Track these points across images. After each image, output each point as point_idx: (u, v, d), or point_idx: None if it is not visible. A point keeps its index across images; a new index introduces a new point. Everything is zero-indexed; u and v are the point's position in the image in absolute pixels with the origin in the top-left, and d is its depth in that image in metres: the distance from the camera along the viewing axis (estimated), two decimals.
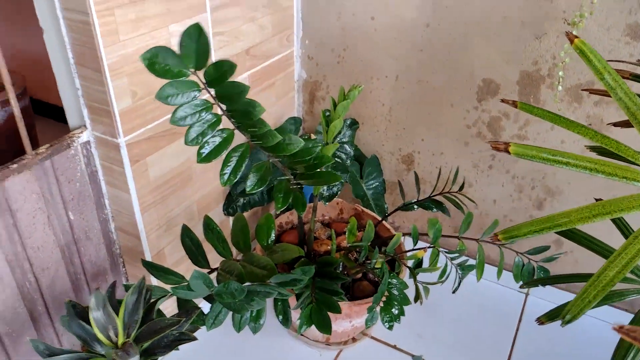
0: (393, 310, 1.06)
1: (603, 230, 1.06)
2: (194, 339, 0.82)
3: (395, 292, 1.07)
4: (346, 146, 1.55)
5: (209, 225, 1.16)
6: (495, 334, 1.46)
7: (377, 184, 1.61)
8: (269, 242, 1.20)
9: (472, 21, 1.30)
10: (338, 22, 1.48)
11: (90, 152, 1.11)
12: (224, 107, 0.89)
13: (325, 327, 1.09)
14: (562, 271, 1.51)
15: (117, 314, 0.80)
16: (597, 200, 1.03)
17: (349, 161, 1.56)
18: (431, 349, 1.41)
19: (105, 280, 1.27)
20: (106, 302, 0.77)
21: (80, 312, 0.84)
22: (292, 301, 1.15)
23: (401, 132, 1.56)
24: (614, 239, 0.94)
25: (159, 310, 0.86)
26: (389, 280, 1.08)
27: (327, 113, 1.58)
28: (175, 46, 0.79)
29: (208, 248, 1.10)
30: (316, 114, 1.68)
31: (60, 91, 1.08)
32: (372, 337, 1.45)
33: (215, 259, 1.10)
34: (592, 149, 0.91)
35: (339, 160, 1.50)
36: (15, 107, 1.00)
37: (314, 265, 1.12)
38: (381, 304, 1.07)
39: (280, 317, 1.11)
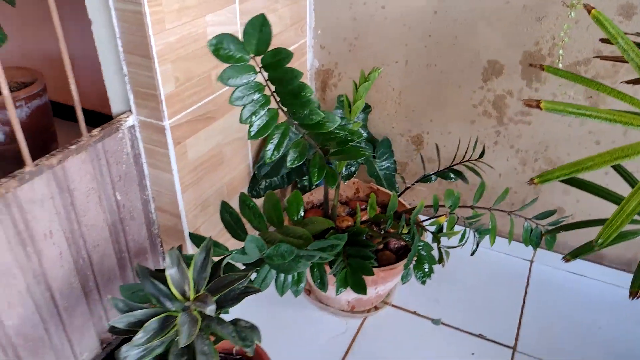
0: (424, 267, 1.16)
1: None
2: (259, 290, 0.91)
3: (423, 253, 1.18)
4: (360, 128, 1.65)
5: (245, 201, 1.24)
6: (505, 298, 1.58)
7: (389, 164, 1.72)
8: (299, 217, 1.29)
9: (477, 7, 1.41)
10: (349, 12, 1.58)
11: (134, 136, 1.18)
12: (272, 88, 0.98)
13: (360, 288, 1.18)
14: (568, 238, 1.63)
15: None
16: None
17: (362, 143, 1.65)
18: (448, 313, 1.52)
19: (146, 258, 1.35)
20: (180, 260, 0.85)
21: (146, 273, 0.92)
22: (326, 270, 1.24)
23: (410, 114, 1.66)
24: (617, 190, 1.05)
25: (226, 265, 0.95)
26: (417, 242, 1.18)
27: (342, 98, 1.68)
28: (210, 35, 0.88)
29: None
30: (328, 100, 1.77)
31: (105, 79, 1.15)
32: (393, 305, 1.55)
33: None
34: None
35: (356, 146, 1.59)
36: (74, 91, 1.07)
37: (345, 233, 1.22)
38: (413, 264, 1.17)
39: (318, 281, 1.20)
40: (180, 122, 1.19)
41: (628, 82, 0.88)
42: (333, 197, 1.47)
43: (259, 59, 0.92)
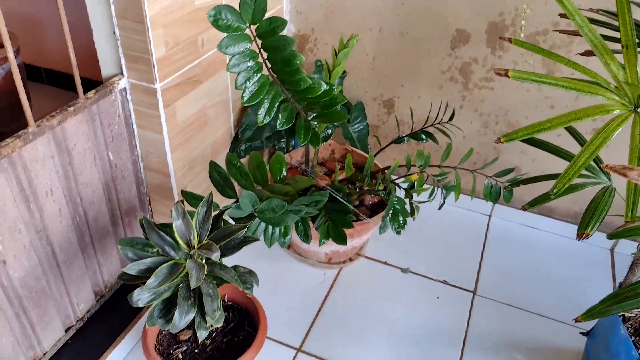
0: (399, 219, 1.29)
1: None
2: (256, 239, 1.01)
3: (398, 207, 1.30)
4: (345, 99, 1.73)
5: (231, 161, 1.32)
6: (466, 248, 1.74)
7: (362, 127, 1.82)
8: (282, 177, 1.38)
9: None
10: None
11: (125, 98, 1.23)
12: (264, 55, 1.05)
13: (341, 239, 1.30)
14: (522, 194, 1.79)
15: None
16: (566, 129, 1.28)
17: (338, 107, 1.74)
18: (416, 263, 1.67)
19: (135, 216, 1.42)
20: (185, 212, 0.94)
21: (150, 226, 1.00)
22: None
23: (383, 79, 1.76)
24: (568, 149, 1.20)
25: (225, 220, 1.04)
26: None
27: (319, 63, 1.76)
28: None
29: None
30: (305, 66, 1.84)
31: (97, 43, 1.19)
32: (366, 257, 1.69)
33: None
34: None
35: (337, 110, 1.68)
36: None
37: (327, 190, 1.32)
38: (389, 217, 1.29)
39: (302, 234, 1.31)
40: (170, 85, 1.24)
41: (582, 54, 1.00)
42: (312, 158, 1.57)
43: (254, 27, 0.98)
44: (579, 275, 1.66)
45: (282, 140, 1.77)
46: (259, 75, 1.05)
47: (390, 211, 1.29)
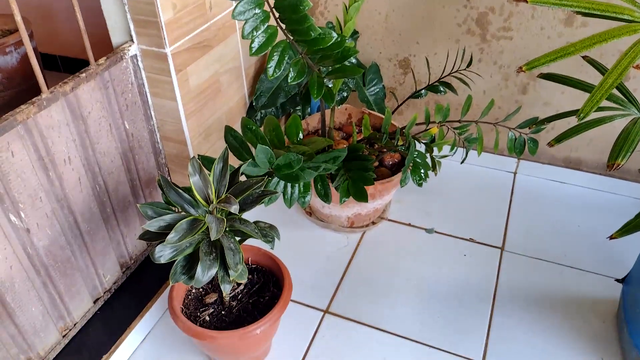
0: (421, 172, 1.26)
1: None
2: (275, 192, 1.00)
3: (419, 160, 1.27)
4: (358, 51, 1.70)
5: (247, 125, 1.31)
6: (492, 206, 1.70)
7: (378, 89, 1.78)
8: (299, 140, 1.36)
9: None
10: None
11: (137, 66, 1.22)
12: (272, 3, 1.03)
13: (361, 196, 1.28)
14: (553, 151, 1.74)
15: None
16: (583, 57, 1.23)
17: (353, 61, 1.71)
18: (440, 223, 1.64)
19: (155, 188, 1.42)
20: (202, 167, 0.93)
21: (169, 184, 0.99)
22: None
23: (397, 38, 1.72)
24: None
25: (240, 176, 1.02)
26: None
27: (331, 25, 1.72)
28: None
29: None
30: None
31: (105, 11, 1.18)
32: (389, 220, 1.66)
33: None
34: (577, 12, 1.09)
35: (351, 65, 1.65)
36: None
37: (345, 147, 1.30)
38: (410, 169, 1.26)
39: (322, 194, 1.29)
40: (180, 49, 1.23)
41: None
42: (328, 121, 1.54)
43: None
44: (610, 226, 1.60)
45: (297, 107, 1.75)
46: (266, 24, 1.03)
47: (411, 164, 1.26)
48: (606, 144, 1.69)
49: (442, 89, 1.44)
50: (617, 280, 1.30)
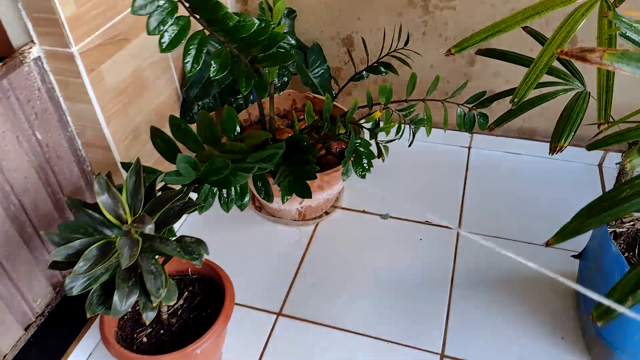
0: (363, 162, 1.18)
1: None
2: (198, 204, 0.91)
3: (362, 149, 1.19)
4: (288, 37, 1.60)
5: (175, 123, 1.20)
6: (447, 184, 1.65)
7: (323, 70, 1.68)
8: (236, 134, 1.27)
9: None
10: None
11: (43, 69, 1.10)
12: None
13: (305, 192, 1.20)
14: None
15: None
16: (523, 28, 1.16)
17: (292, 52, 1.61)
18: (395, 207, 1.58)
19: (84, 198, 1.30)
20: (110, 185, 0.83)
21: (79, 206, 0.89)
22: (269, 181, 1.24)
23: (337, 14, 1.61)
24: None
25: (164, 189, 0.93)
26: (354, 140, 1.19)
27: (262, 5, 1.61)
28: None
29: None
30: (252, 11, 1.69)
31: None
32: (343, 208, 1.59)
33: None
34: None
35: (283, 51, 1.54)
36: None
37: (283, 142, 1.21)
38: (352, 161, 1.18)
39: (262, 193, 1.21)
40: (90, 46, 1.10)
41: None
42: (269, 110, 1.45)
43: None
44: (567, 196, 1.58)
45: (238, 96, 1.64)
46: (174, 16, 0.92)
47: (353, 155, 1.18)
48: (559, 112, 1.65)
49: (382, 69, 1.35)
50: (574, 256, 1.27)
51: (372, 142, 1.28)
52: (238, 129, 1.26)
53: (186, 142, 1.21)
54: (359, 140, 1.22)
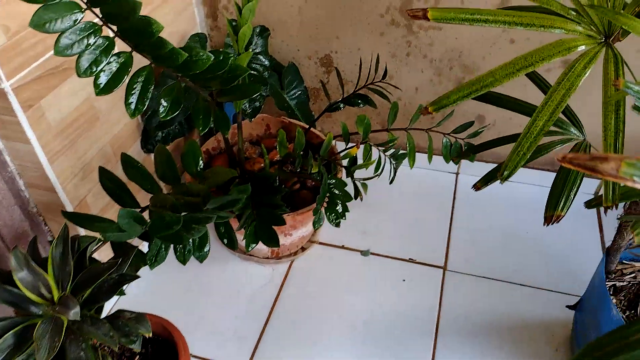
0: (337, 208, 1.06)
1: (518, 94, 1.08)
2: (136, 277, 0.78)
3: (336, 191, 1.07)
4: (260, 57, 1.47)
5: (128, 162, 1.07)
6: (433, 216, 1.53)
7: (300, 92, 1.56)
8: (199, 169, 1.14)
9: None
10: None
11: None
12: (115, 28, 0.79)
13: (272, 240, 1.08)
14: (498, 149, 1.57)
15: (47, 271, 0.74)
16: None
17: (266, 73, 1.48)
18: (377, 242, 1.46)
19: (28, 242, 1.17)
20: (28, 259, 0.70)
21: (5, 277, 0.76)
22: (234, 224, 1.12)
23: (315, 32, 1.49)
24: (531, 100, 0.96)
25: (91, 258, 0.80)
26: (328, 181, 1.07)
27: (234, 22, 1.48)
28: None
29: (134, 188, 1.03)
30: (222, 27, 1.56)
31: None
32: (320, 243, 1.47)
33: (143, 199, 1.03)
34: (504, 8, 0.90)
35: (255, 72, 1.42)
36: None
37: (249, 183, 1.09)
38: (325, 205, 1.06)
39: (225, 240, 1.08)
40: (26, 80, 0.97)
41: None
42: (238, 140, 1.32)
43: None
44: (561, 230, 1.46)
45: None
46: (111, 53, 0.79)
47: (325, 199, 1.06)
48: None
49: (359, 102, 1.23)
50: (569, 307, 1.16)
51: (349, 180, 1.16)
52: (201, 163, 1.14)
53: (140, 182, 1.08)
54: (333, 181, 1.09)
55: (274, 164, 1.34)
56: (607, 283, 0.99)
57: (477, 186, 0.87)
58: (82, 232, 1.19)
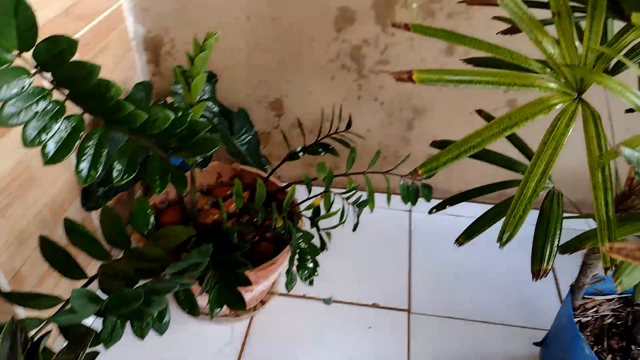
0: (308, 264, 1.01)
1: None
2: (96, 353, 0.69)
3: (303, 245, 1.02)
4: (209, 103, 1.42)
5: (72, 227, 0.97)
6: (392, 257, 1.52)
7: (250, 137, 1.51)
8: (150, 229, 1.06)
9: None
10: None
11: None
12: (66, 91, 0.71)
13: (238, 303, 1.01)
14: (442, 184, 1.60)
15: None
16: (478, 112, 1.07)
17: (215, 119, 1.43)
18: (339, 288, 1.42)
19: None
20: None
21: None
22: (195, 288, 1.04)
23: (264, 77, 1.46)
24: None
25: (45, 349, 0.70)
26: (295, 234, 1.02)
27: (181, 69, 1.42)
28: None
29: (74, 250, 0.93)
30: (165, 73, 1.49)
31: None
32: (280, 294, 1.41)
33: (83, 261, 0.93)
34: (468, 61, 0.91)
35: (204, 120, 1.36)
36: None
37: (211, 243, 1.02)
38: (296, 263, 1.01)
39: (187, 308, 1.00)
40: None
41: (504, 32, 0.77)
42: (190, 192, 1.25)
43: (29, 54, 0.64)
44: (516, 264, 1.50)
45: None
46: (61, 119, 0.71)
47: (296, 258, 1.01)
48: (497, 169, 1.60)
49: (320, 150, 1.21)
50: (535, 343, 1.17)
51: (314, 230, 1.12)
52: (152, 221, 1.05)
53: (87, 248, 0.98)
54: (299, 233, 1.05)
55: (231, 216, 1.27)
56: (575, 323, 1.01)
57: (460, 242, 0.86)
58: (22, 310, 1.06)
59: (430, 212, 0.90)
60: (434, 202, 1.60)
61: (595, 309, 1.08)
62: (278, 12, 1.33)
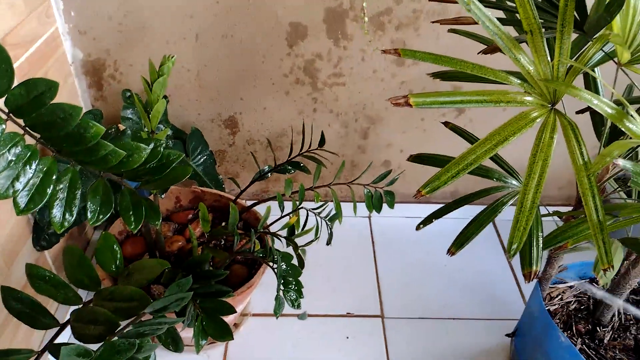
0: (292, 286, 1.01)
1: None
2: None
3: (284, 266, 1.01)
4: (161, 126, 1.36)
5: (36, 273, 0.90)
6: (359, 264, 1.54)
7: (205, 157, 1.47)
8: (118, 265, 1.00)
9: None
10: None
11: None
12: (37, 135, 0.65)
13: (224, 333, 0.98)
14: (403, 189, 1.64)
15: None
16: (445, 124, 1.11)
17: (170, 142, 1.38)
18: (311, 302, 1.42)
19: None
20: None
21: None
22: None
23: (216, 95, 1.42)
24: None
25: None
26: (275, 255, 1.01)
27: (128, 93, 1.36)
28: None
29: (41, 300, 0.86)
30: (109, 98, 1.42)
31: None
32: (253, 315, 1.38)
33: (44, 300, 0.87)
34: (435, 75, 0.95)
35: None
36: None
37: (189, 275, 0.98)
38: (281, 288, 1.00)
39: (171, 346, 0.96)
40: None
41: (484, 52, 0.80)
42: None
43: (2, 101, 0.59)
44: (471, 257, 1.57)
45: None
46: (34, 163, 0.66)
47: (282, 282, 1.00)
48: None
49: (290, 168, 1.20)
50: (508, 335, 1.24)
51: (290, 249, 1.11)
52: (120, 256, 1.00)
53: (55, 295, 0.91)
54: (280, 255, 1.04)
55: (200, 243, 1.23)
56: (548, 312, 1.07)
57: (452, 251, 0.89)
58: None
59: (417, 227, 0.92)
60: (397, 207, 1.65)
61: (559, 296, 1.15)
62: (228, 30, 1.31)
